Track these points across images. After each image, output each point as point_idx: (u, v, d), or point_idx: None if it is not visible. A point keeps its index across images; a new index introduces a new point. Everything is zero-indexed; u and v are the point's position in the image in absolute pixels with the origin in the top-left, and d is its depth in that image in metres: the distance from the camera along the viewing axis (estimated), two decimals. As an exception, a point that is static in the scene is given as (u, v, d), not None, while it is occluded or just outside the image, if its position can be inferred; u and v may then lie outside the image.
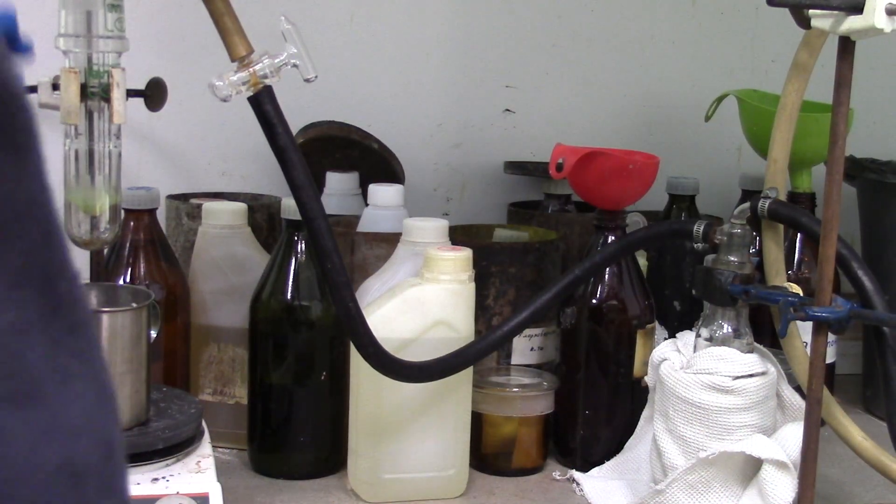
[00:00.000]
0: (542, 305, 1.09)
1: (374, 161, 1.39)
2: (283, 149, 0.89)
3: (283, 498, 1.08)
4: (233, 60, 0.87)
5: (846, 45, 0.89)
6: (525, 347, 1.21)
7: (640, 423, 1.12)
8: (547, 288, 1.10)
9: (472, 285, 1.08)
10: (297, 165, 0.89)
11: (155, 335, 1.01)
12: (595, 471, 1.14)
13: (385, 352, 0.97)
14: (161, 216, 1.22)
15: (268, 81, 0.88)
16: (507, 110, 1.54)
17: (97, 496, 0.48)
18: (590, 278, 1.15)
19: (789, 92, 1.05)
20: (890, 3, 0.84)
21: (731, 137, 1.54)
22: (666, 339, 1.10)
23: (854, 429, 1.03)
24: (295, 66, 0.89)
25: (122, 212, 1.12)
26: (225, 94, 0.87)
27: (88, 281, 1.02)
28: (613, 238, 1.16)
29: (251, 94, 0.89)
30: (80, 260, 1.03)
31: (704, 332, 1.04)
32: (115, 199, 0.90)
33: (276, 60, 0.88)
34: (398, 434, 1.07)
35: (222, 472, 1.06)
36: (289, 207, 1.11)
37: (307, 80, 0.89)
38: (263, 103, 0.89)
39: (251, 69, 0.87)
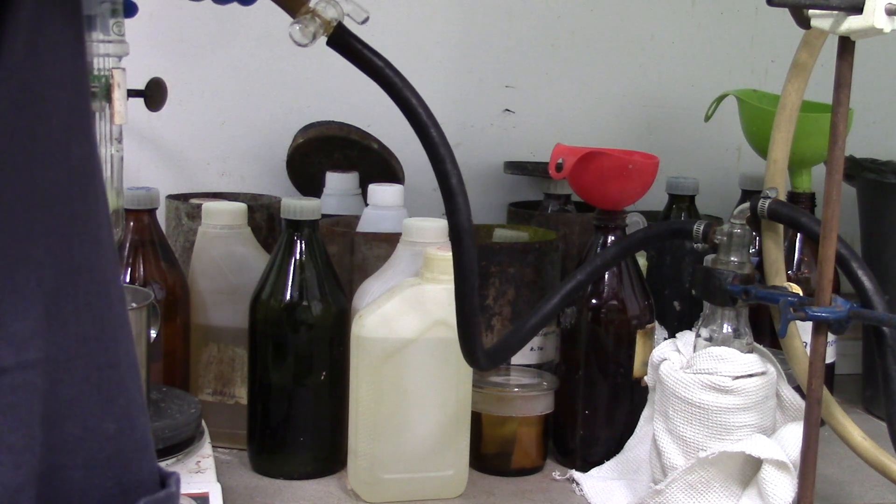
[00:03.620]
0: (550, 311, 1.08)
1: (373, 161, 1.39)
2: (379, 70, 0.86)
3: (283, 498, 1.08)
4: (295, 17, 0.86)
5: (846, 45, 0.89)
6: (525, 347, 1.21)
7: (639, 423, 1.12)
8: (552, 292, 1.09)
9: (472, 285, 1.08)
10: (399, 82, 0.86)
11: (155, 335, 1.01)
12: (595, 471, 1.14)
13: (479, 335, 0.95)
14: (161, 216, 1.22)
15: (335, 22, 0.86)
16: (507, 110, 1.54)
17: None
18: (593, 280, 1.14)
19: (789, 92, 1.05)
20: (890, 3, 0.84)
21: (730, 137, 1.54)
22: (666, 339, 1.10)
23: (854, 429, 1.03)
24: (347, 15, 0.87)
25: (123, 213, 1.12)
26: (304, 40, 0.85)
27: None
28: (613, 238, 1.16)
29: (327, 37, 0.86)
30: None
31: (704, 332, 1.04)
32: (116, 204, 0.91)
33: (332, 7, 0.87)
34: (398, 434, 1.07)
35: (222, 472, 1.06)
36: (289, 207, 1.11)
37: (362, 23, 0.87)
38: (346, 37, 0.86)
39: (320, 16, 0.85)
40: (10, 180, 0.57)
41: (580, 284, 1.10)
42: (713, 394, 0.99)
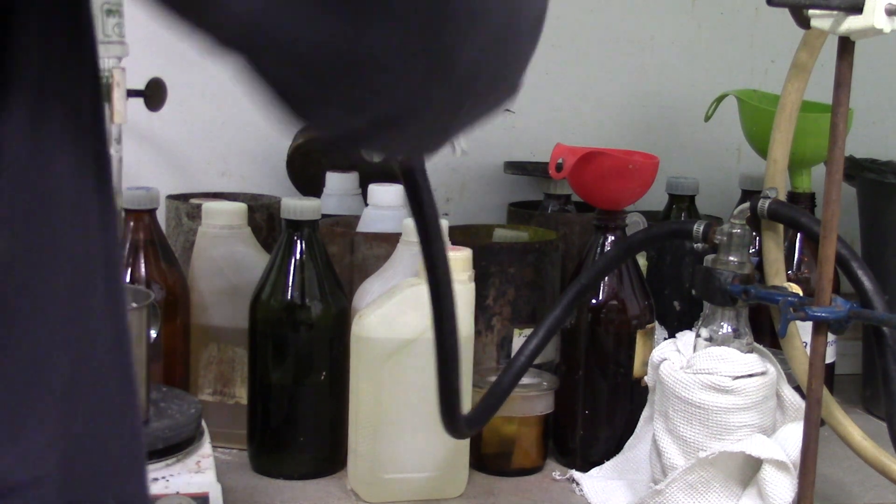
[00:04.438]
0: (556, 321, 1.07)
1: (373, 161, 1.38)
2: (427, 219, 0.74)
3: (283, 498, 1.08)
4: None
5: (846, 45, 0.89)
6: (525, 347, 1.21)
7: (639, 423, 1.12)
8: (557, 302, 1.09)
9: (472, 285, 1.08)
10: (437, 242, 0.77)
11: (155, 335, 1.01)
12: (595, 471, 1.14)
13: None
14: (161, 216, 1.22)
15: None
16: (507, 110, 1.54)
17: None
18: (596, 285, 1.14)
19: (789, 92, 1.05)
20: (890, 3, 0.84)
21: (730, 137, 1.54)
22: (666, 339, 1.10)
23: (854, 429, 1.03)
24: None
25: (123, 213, 1.12)
26: (375, 159, 0.77)
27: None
28: (613, 238, 1.16)
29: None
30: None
31: (704, 332, 1.03)
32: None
33: None
34: (398, 434, 1.07)
35: (222, 472, 1.06)
36: (289, 207, 1.11)
37: (460, 154, 0.81)
38: (415, 171, 0.73)
39: None
40: (24, 290, 0.54)
41: (584, 289, 1.10)
42: (713, 394, 0.99)
